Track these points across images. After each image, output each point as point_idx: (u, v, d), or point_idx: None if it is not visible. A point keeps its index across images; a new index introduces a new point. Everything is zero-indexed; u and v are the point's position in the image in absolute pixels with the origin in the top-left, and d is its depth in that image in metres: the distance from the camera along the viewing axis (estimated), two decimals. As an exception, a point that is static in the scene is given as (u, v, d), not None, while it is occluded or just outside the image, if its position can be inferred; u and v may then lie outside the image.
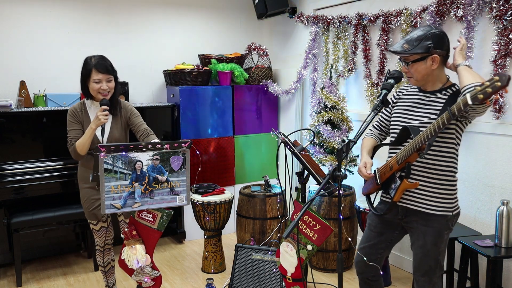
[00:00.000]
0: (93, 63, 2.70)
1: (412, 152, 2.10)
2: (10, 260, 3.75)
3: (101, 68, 2.69)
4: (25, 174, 3.64)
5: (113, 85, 2.77)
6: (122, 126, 2.85)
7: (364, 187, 2.48)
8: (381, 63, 3.73)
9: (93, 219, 2.87)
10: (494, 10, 2.89)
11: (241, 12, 5.05)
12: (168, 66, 4.63)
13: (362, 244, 2.45)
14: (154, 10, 4.57)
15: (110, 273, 3.08)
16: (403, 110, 2.31)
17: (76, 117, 2.79)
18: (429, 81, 2.21)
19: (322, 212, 3.64)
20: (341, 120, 3.80)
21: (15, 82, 3.96)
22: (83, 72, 2.74)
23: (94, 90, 2.72)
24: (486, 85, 1.78)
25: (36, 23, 4.04)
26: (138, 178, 2.46)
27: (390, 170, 2.25)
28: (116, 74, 2.80)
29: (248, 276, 3.25)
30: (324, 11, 4.34)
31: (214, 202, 3.63)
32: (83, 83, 2.76)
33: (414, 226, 2.26)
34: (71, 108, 2.82)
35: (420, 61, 2.13)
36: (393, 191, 2.23)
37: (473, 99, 1.83)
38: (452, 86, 2.20)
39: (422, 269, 2.25)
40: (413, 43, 2.12)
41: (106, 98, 2.73)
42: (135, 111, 2.91)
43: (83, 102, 2.84)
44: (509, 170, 2.95)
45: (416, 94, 2.29)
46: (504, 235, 2.67)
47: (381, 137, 2.54)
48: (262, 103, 4.78)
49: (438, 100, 2.18)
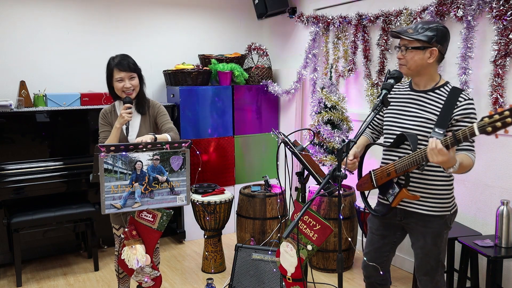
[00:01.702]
0: (115, 62, 2.68)
1: (412, 165, 2.08)
2: (10, 260, 3.75)
3: (121, 67, 2.66)
4: (25, 174, 3.64)
5: (136, 82, 2.72)
6: (150, 125, 2.81)
7: (358, 184, 2.47)
8: (381, 63, 3.73)
9: (116, 223, 2.81)
10: (494, 10, 2.89)
11: (241, 12, 5.05)
12: (168, 66, 4.63)
13: (367, 249, 2.44)
14: (154, 10, 4.57)
15: (125, 280, 3.00)
16: (395, 109, 2.29)
17: (106, 119, 2.78)
18: (421, 76, 2.18)
19: (322, 212, 3.64)
20: (341, 120, 3.80)
21: (15, 82, 3.96)
22: (107, 73, 2.72)
23: (118, 90, 2.70)
24: (496, 118, 1.71)
25: (36, 23, 4.04)
26: (138, 178, 2.46)
27: (387, 176, 2.24)
28: (140, 72, 2.76)
29: (248, 276, 3.25)
30: (324, 11, 4.34)
31: (214, 202, 3.64)
32: (109, 84, 2.74)
33: (413, 227, 2.26)
34: (102, 110, 2.81)
35: (419, 49, 2.10)
36: (392, 197, 2.23)
37: (481, 131, 1.77)
38: (445, 84, 2.17)
39: (423, 269, 2.25)
40: (418, 30, 2.10)
41: (131, 96, 2.69)
42: (162, 110, 2.86)
43: (114, 104, 2.83)
44: (509, 170, 2.95)
45: (408, 93, 2.26)
46: (504, 235, 2.67)
47: (374, 136, 2.52)
48: (262, 103, 4.78)
49: (432, 99, 2.16)
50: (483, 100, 3.04)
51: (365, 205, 2.47)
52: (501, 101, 2.91)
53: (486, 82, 3.01)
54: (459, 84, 3.08)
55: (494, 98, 2.93)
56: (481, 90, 3.06)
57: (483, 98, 3.04)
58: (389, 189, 2.25)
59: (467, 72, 3.05)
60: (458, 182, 3.14)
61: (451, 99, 2.10)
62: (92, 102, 4.08)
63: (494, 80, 2.93)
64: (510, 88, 2.91)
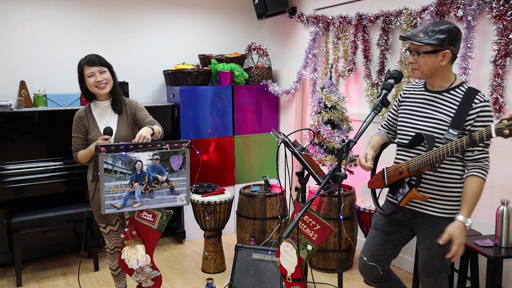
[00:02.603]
0: (84, 61, 2.70)
1: (426, 165, 2.07)
2: (10, 260, 3.75)
3: (91, 62, 2.68)
4: (25, 174, 3.64)
5: (108, 76, 2.72)
6: (129, 124, 2.80)
7: (370, 182, 2.46)
8: (381, 63, 3.73)
9: (102, 222, 2.82)
10: (494, 10, 2.89)
11: (241, 12, 5.05)
12: (168, 66, 4.63)
13: (367, 245, 2.41)
14: (154, 10, 4.57)
15: (121, 277, 3.01)
16: (410, 110, 2.27)
17: (80, 125, 2.76)
18: (435, 77, 2.15)
19: (322, 212, 3.64)
20: (341, 120, 3.80)
21: (15, 82, 3.96)
22: (78, 74, 2.72)
23: (91, 86, 2.69)
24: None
25: (36, 23, 4.04)
26: (138, 178, 2.46)
27: (399, 175, 2.23)
28: (111, 68, 2.76)
29: (248, 276, 3.25)
30: (324, 11, 4.34)
31: (214, 202, 3.63)
32: (81, 86, 2.74)
33: (421, 227, 2.25)
34: (76, 114, 2.79)
35: (431, 53, 2.07)
36: (401, 196, 2.22)
37: (498, 133, 1.75)
38: (460, 85, 2.14)
39: (428, 270, 2.23)
40: (428, 33, 2.06)
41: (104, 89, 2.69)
42: (140, 106, 2.86)
43: (88, 106, 2.81)
44: (509, 170, 2.95)
45: (423, 94, 2.24)
46: (504, 235, 2.67)
47: (390, 136, 2.50)
48: (262, 103, 4.77)
49: (447, 100, 2.13)
50: (483, 100, 3.04)
51: (374, 202, 2.46)
52: (501, 101, 2.91)
53: (486, 82, 3.01)
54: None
55: (494, 98, 2.92)
56: (481, 90, 3.05)
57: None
58: (399, 188, 2.25)
59: (467, 72, 3.05)
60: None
61: (466, 100, 2.07)
62: (92, 102, 4.08)
63: (494, 80, 2.93)
64: (510, 88, 2.91)
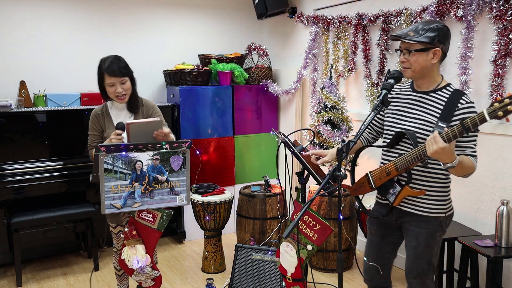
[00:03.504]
0: (105, 66, 2.64)
1: (415, 161, 2.06)
2: (10, 260, 3.75)
3: (112, 72, 2.62)
4: (25, 174, 3.64)
5: (128, 86, 2.70)
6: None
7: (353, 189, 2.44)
8: (381, 63, 3.73)
9: (112, 222, 2.81)
10: (494, 10, 2.89)
11: (241, 12, 5.05)
12: (168, 66, 4.63)
13: (368, 250, 2.43)
14: (154, 10, 4.57)
15: (124, 277, 3.01)
16: (396, 110, 2.26)
17: (96, 123, 2.77)
18: (425, 77, 2.16)
19: (322, 212, 3.64)
20: (341, 120, 3.80)
21: (15, 82, 3.96)
22: (98, 76, 2.71)
23: (110, 94, 2.70)
24: (506, 102, 1.70)
25: (36, 23, 4.04)
26: (138, 178, 2.46)
27: (387, 176, 2.22)
28: (131, 74, 2.74)
29: (248, 276, 3.25)
30: (324, 11, 4.34)
31: (214, 202, 3.64)
32: (100, 86, 2.73)
33: (407, 227, 2.24)
34: (93, 112, 2.79)
35: (422, 51, 2.08)
36: (393, 196, 2.21)
37: (491, 116, 1.75)
38: (447, 86, 2.15)
39: (414, 271, 2.22)
40: (419, 32, 2.08)
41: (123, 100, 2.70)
42: (157, 110, 2.85)
43: (105, 104, 2.81)
44: (509, 170, 2.95)
45: (409, 94, 2.24)
46: (504, 235, 2.67)
47: (371, 137, 2.48)
48: (262, 103, 4.78)
49: (433, 100, 2.14)
50: (483, 100, 3.04)
51: (362, 209, 2.44)
52: (501, 101, 2.91)
53: (486, 82, 3.01)
54: (459, 84, 3.08)
55: (494, 98, 2.92)
56: (481, 90, 3.06)
57: (483, 98, 3.04)
58: (389, 189, 2.24)
59: (467, 72, 3.05)
60: (458, 182, 3.14)
61: (452, 101, 2.07)
62: (92, 102, 4.08)
63: (494, 80, 2.93)
64: (510, 88, 2.91)
